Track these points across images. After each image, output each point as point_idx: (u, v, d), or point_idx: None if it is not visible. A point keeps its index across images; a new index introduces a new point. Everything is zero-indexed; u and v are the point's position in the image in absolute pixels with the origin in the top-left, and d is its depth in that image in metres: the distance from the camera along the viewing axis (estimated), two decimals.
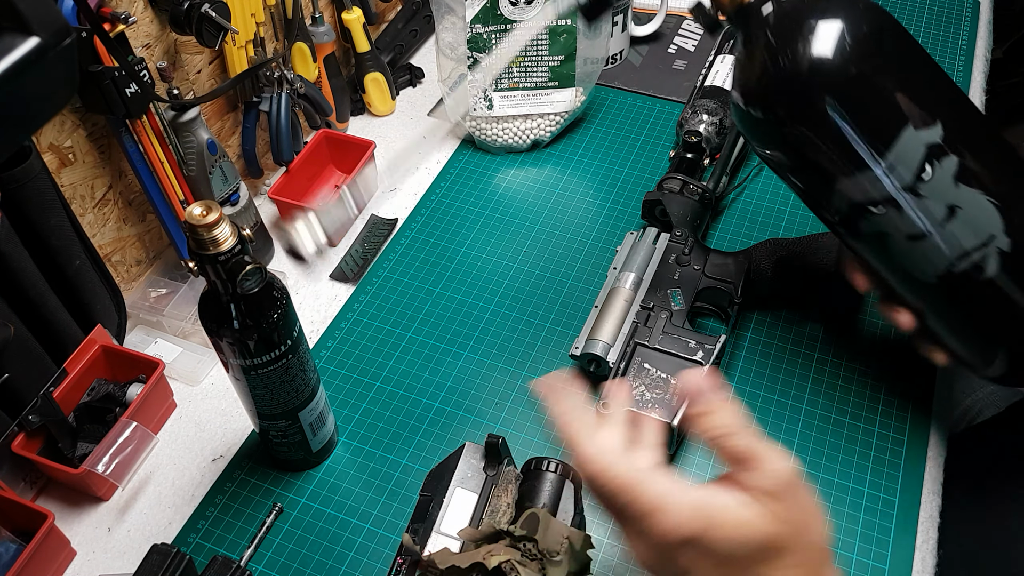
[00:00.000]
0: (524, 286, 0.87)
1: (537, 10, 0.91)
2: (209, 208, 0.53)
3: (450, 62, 0.96)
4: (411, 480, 0.72)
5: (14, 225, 0.66)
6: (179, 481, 0.74)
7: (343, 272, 0.90)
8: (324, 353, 0.82)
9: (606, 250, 0.90)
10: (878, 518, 0.68)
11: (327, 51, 0.98)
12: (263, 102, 0.89)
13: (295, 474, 0.73)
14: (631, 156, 1.00)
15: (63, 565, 0.69)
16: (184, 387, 0.81)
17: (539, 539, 0.55)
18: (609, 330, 0.75)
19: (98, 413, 0.74)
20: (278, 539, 0.69)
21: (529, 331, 0.83)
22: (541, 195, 0.97)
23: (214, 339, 0.60)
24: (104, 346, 0.75)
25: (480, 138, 1.01)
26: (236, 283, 0.55)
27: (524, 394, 0.78)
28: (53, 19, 0.32)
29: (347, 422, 0.77)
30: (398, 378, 0.80)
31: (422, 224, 0.94)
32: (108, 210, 0.80)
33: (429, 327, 0.84)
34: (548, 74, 0.96)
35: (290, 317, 0.61)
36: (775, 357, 0.79)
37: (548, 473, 0.62)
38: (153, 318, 0.84)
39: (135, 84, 0.70)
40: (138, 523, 0.72)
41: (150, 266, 0.88)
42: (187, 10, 0.74)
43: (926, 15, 1.16)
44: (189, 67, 0.84)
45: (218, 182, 0.82)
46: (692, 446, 0.73)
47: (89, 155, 0.76)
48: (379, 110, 1.07)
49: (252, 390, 0.64)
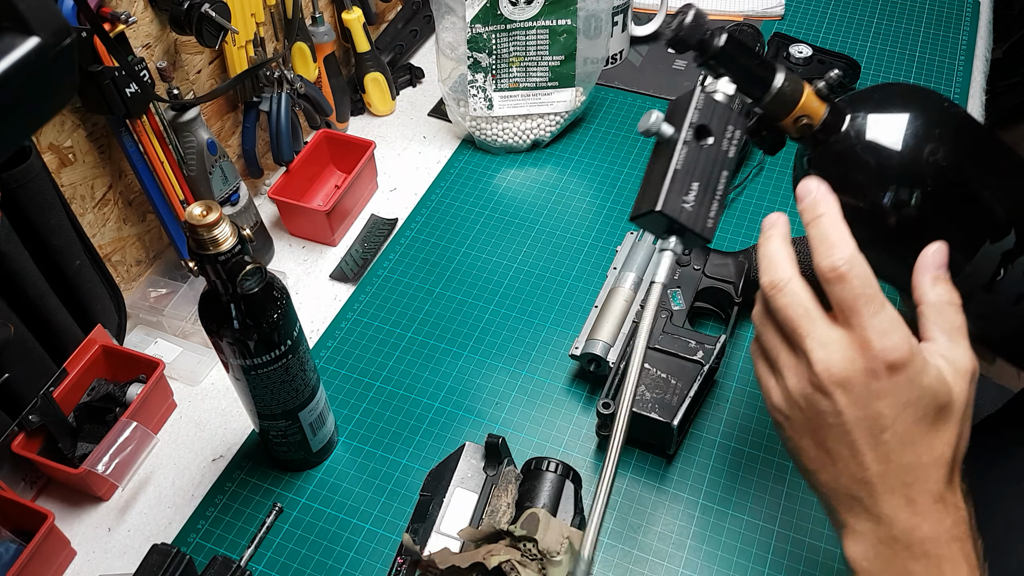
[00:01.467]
0: (524, 286, 0.87)
1: (536, 10, 0.91)
2: (209, 208, 0.53)
3: (450, 62, 0.96)
4: (411, 480, 0.72)
5: (14, 225, 0.66)
6: (179, 481, 0.74)
7: (343, 272, 0.90)
8: (324, 353, 0.82)
9: (606, 250, 0.90)
10: None
11: (327, 51, 0.98)
12: (263, 102, 0.89)
13: (295, 474, 0.73)
14: (631, 156, 1.00)
15: (63, 565, 0.69)
16: (184, 387, 0.81)
17: (539, 539, 0.55)
18: (609, 330, 0.75)
19: (98, 413, 0.74)
20: (278, 539, 0.69)
21: (529, 331, 0.83)
22: (541, 195, 0.97)
23: (214, 339, 0.60)
24: (104, 346, 0.75)
25: (480, 138, 1.01)
26: (236, 283, 0.55)
27: (524, 394, 0.78)
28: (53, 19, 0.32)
29: (347, 422, 0.77)
30: (398, 378, 0.80)
31: (422, 224, 0.94)
32: (108, 210, 0.80)
33: (429, 327, 0.84)
34: (548, 74, 0.96)
35: (290, 317, 0.61)
36: None
37: (548, 473, 0.62)
38: (153, 318, 0.84)
39: (135, 84, 0.70)
40: (138, 523, 0.72)
41: (150, 266, 0.88)
42: (187, 10, 0.74)
43: (926, 15, 1.16)
44: (189, 67, 0.84)
45: (218, 182, 0.82)
46: (691, 446, 0.73)
47: (89, 155, 0.76)
48: (379, 110, 1.07)
49: (252, 390, 0.64)
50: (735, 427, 0.74)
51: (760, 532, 0.68)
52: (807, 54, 1.04)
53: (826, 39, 1.13)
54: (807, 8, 1.18)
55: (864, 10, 1.18)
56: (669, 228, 0.50)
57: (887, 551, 0.48)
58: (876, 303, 0.47)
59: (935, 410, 0.47)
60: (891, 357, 0.46)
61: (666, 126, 0.50)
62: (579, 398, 0.77)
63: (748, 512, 0.69)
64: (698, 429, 0.74)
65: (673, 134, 0.50)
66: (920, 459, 0.47)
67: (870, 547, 0.48)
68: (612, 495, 0.71)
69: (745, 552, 0.67)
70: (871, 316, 0.46)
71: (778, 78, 0.53)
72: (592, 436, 0.74)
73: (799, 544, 0.67)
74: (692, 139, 0.50)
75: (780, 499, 0.69)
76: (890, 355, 0.46)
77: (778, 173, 0.95)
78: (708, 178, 0.50)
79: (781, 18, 1.17)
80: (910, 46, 1.12)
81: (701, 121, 0.50)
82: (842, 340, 0.47)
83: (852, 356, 0.46)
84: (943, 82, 1.06)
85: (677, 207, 0.49)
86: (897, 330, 0.46)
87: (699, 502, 0.70)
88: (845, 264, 0.46)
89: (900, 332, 0.46)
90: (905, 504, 0.47)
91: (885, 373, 0.46)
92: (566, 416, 0.76)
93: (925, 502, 0.47)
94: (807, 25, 1.16)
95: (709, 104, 0.51)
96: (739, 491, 0.70)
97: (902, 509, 0.47)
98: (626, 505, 0.70)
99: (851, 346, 0.47)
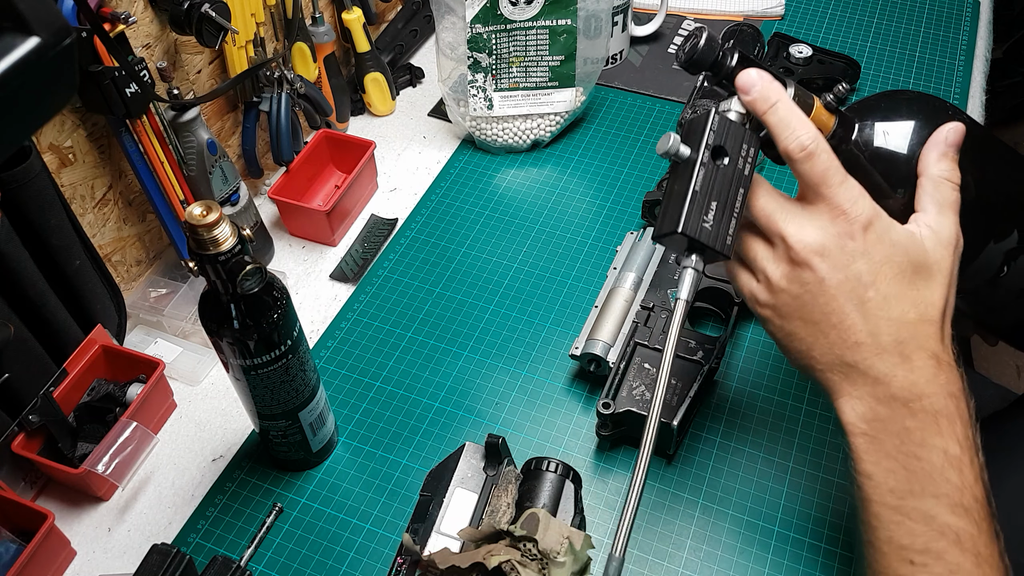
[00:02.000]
0: (524, 286, 0.87)
1: (536, 9, 0.91)
2: (209, 208, 0.53)
3: (450, 62, 0.96)
4: (411, 480, 0.72)
5: (14, 225, 0.66)
6: (179, 481, 0.74)
7: (343, 272, 0.90)
8: (324, 353, 0.82)
9: (606, 250, 0.90)
10: None
11: (327, 51, 0.98)
12: (263, 102, 0.89)
13: (295, 474, 0.73)
14: (631, 156, 1.00)
15: (63, 565, 0.69)
16: (184, 387, 0.81)
17: (539, 539, 0.56)
18: (609, 330, 0.75)
19: (98, 413, 0.74)
20: (278, 539, 0.69)
21: (529, 331, 0.83)
22: (541, 195, 0.97)
23: (214, 339, 0.60)
24: (104, 346, 0.75)
25: (480, 138, 1.01)
26: (236, 283, 0.55)
27: (524, 394, 0.78)
28: (53, 19, 0.32)
29: (347, 422, 0.77)
30: (398, 378, 0.80)
31: (422, 224, 0.94)
32: (108, 210, 0.80)
33: (429, 327, 0.84)
34: (548, 74, 0.96)
35: (290, 317, 0.61)
36: (775, 357, 0.79)
37: (548, 473, 0.62)
38: (153, 318, 0.84)
39: (135, 84, 0.70)
40: (138, 523, 0.72)
41: (150, 266, 0.88)
42: (187, 10, 0.74)
43: (926, 15, 1.16)
44: (189, 67, 0.84)
45: (218, 182, 0.82)
46: (691, 446, 0.73)
47: (89, 155, 0.76)
48: (379, 110, 1.07)
49: (252, 390, 0.64)
50: (735, 427, 0.74)
51: (760, 532, 0.68)
52: (807, 54, 1.04)
53: (826, 39, 1.13)
54: (807, 8, 1.18)
55: (864, 10, 1.18)
56: (690, 247, 0.52)
57: (885, 410, 0.50)
58: (841, 174, 0.50)
59: (912, 267, 0.50)
60: (863, 218, 0.49)
61: (684, 148, 0.53)
62: (579, 398, 0.77)
63: (748, 512, 0.69)
64: (698, 429, 0.74)
65: (691, 155, 0.52)
66: (907, 315, 0.50)
67: (868, 409, 0.50)
68: (612, 495, 0.71)
69: (745, 552, 0.67)
70: (839, 186, 0.50)
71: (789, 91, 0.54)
72: (592, 436, 0.74)
73: (799, 544, 0.67)
74: (709, 160, 0.52)
75: (780, 499, 0.69)
76: (862, 216, 0.49)
77: (778, 173, 0.95)
78: (726, 197, 0.52)
79: (781, 18, 1.17)
80: (910, 46, 1.12)
81: (717, 142, 0.52)
82: (813, 214, 0.51)
83: (824, 224, 0.50)
84: (943, 82, 1.06)
85: (697, 227, 0.51)
86: (863, 195, 0.50)
87: (699, 502, 0.70)
88: (812, 142, 0.50)
89: (866, 197, 0.50)
90: (900, 361, 0.50)
91: (860, 233, 0.49)
92: (566, 416, 0.76)
93: (920, 358, 0.50)
94: (807, 25, 1.16)
95: (724, 124, 0.53)
96: (739, 491, 0.70)
97: (898, 367, 0.50)
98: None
99: (823, 216, 0.50)
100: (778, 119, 0.51)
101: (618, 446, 0.74)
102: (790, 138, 0.50)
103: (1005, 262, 0.62)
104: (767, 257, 0.52)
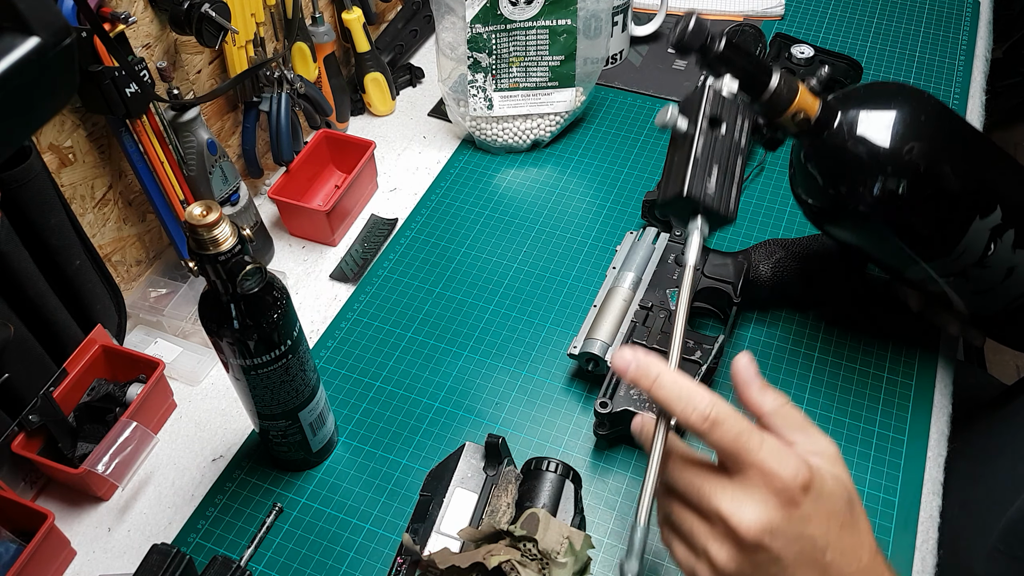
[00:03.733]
0: (524, 286, 0.87)
1: (536, 9, 0.91)
2: (209, 208, 0.53)
3: (450, 62, 0.96)
4: (411, 480, 0.72)
5: (14, 225, 0.66)
6: (179, 481, 0.74)
7: (343, 272, 0.90)
8: (324, 353, 0.82)
9: (606, 250, 0.90)
10: (878, 518, 0.68)
11: (327, 51, 0.98)
12: (263, 102, 0.89)
13: (295, 474, 0.73)
14: (631, 156, 1.00)
15: (63, 565, 0.69)
16: (184, 387, 0.81)
17: (539, 539, 0.56)
18: (608, 329, 0.75)
19: (98, 413, 0.74)
20: (278, 539, 0.69)
21: (529, 331, 0.83)
22: (541, 195, 0.97)
23: (214, 339, 0.60)
24: (104, 346, 0.75)
25: (480, 138, 1.01)
26: (236, 283, 0.55)
27: (524, 394, 0.78)
28: (53, 19, 0.32)
29: (347, 422, 0.77)
30: (398, 378, 0.80)
31: (422, 224, 0.94)
32: (108, 210, 0.80)
33: (429, 327, 0.84)
34: (548, 74, 0.96)
35: (290, 317, 0.61)
36: (774, 357, 0.79)
37: (548, 473, 0.62)
38: (153, 318, 0.84)
39: (135, 84, 0.70)
40: (138, 523, 0.72)
41: (150, 266, 0.88)
42: (187, 10, 0.74)
43: (926, 15, 1.16)
44: (189, 67, 0.84)
45: (218, 182, 0.82)
46: (689, 445, 0.73)
47: (89, 155, 0.76)
48: (379, 110, 1.07)
49: (252, 390, 0.64)
50: None
51: None
52: (809, 54, 1.04)
53: (826, 39, 1.13)
54: (807, 8, 1.18)
55: (864, 10, 1.18)
56: (695, 210, 0.54)
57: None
58: (755, 435, 0.46)
59: (848, 507, 0.47)
60: (800, 479, 0.45)
61: (682, 120, 0.55)
62: (578, 398, 0.77)
63: None
64: None
65: (689, 126, 0.55)
66: (862, 560, 0.48)
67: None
68: (611, 494, 0.71)
69: None
70: (759, 449, 0.46)
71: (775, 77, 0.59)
72: (591, 436, 0.74)
73: None
74: (707, 128, 0.55)
75: None
76: (798, 477, 0.45)
77: (778, 173, 0.95)
78: (726, 163, 0.54)
79: (781, 18, 1.17)
80: (910, 46, 1.12)
81: (713, 113, 0.55)
82: (746, 485, 0.46)
83: (763, 497, 0.46)
84: (943, 82, 1.06)
85: (701, 190, 0.53)
86: (786, 451, 0.46)
87: None
88: (712, 408, 0.46)
89: (789, 451, 0.46)
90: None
91: (801, 496, 0.45)
92: (566, 416, 0.76)
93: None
94: (807, 25, 1.16)
95: (718, 98, 0.56)
96: None
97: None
98: (626, 505, 0.70)
99: (757, 487, 0.46)
100: (666, 393, 0.47)
101: (617, 445, 0.74)
102: (687, 410, 0.46)
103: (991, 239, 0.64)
104: (707, 535, 0.47)
